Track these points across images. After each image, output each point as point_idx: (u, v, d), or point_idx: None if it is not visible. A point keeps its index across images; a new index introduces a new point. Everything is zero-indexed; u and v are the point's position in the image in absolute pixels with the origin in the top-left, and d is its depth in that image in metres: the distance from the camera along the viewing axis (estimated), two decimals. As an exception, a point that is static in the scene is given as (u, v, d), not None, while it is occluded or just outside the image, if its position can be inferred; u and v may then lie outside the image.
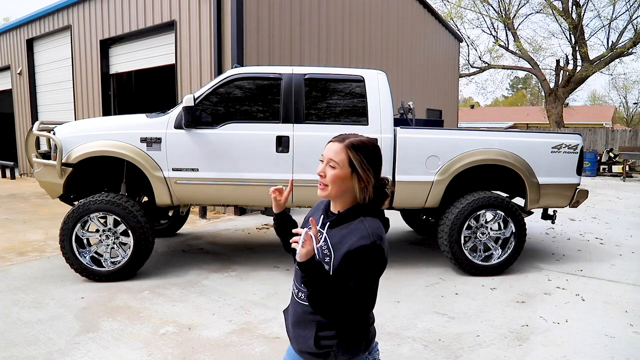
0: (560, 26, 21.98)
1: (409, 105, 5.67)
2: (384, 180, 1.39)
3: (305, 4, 8.41)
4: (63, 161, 4.10)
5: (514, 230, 4.40)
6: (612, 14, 26.21)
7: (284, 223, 1.53)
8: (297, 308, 1.40)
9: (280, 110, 4.20)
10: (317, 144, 4.19)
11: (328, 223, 1.36)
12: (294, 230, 1.26)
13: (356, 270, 1.24)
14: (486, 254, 4.47)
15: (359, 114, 4.28)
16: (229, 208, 7.39)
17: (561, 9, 20.43)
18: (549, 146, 4.45)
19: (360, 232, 1.28)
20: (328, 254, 1.31)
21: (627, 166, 14.24)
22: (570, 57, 21.51)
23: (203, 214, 7.12)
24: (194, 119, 4.04)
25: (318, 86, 4.30)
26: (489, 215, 4.47)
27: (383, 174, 1.41)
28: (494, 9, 23.25)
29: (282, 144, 4.16)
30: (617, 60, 20.87)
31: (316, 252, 1.28)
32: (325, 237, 1.34)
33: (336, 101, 4.34)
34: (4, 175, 12.72)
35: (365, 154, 1.33)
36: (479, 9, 23.31)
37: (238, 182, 4.21)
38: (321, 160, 1.38)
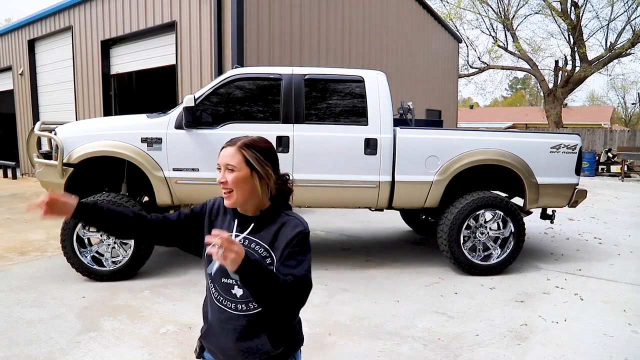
0: (559, 27, 22.03)
1: (409, 106, 5.69)
2: (285, 176, 1.40)
3: (305, 4, 8.43)
4: (64, 161, 4.12)
5: (513, 230, 4.42)
6: (611, 14, 26.25)
7: (100, 216, 1.36)
8: (239, 322, 1.32)
9: (280, 110, 4.22)
10: (317, 144, 4.21)
11: (252, 226, 1.34)
12: (207, 239, 1.08)
13: (301, 252, 1.28)
14: (485, 253, 4.49)
15: (359, 114, 4.30)
16: (229, 208, 7.40)
17: (560, 10, 20.47)
18: (547, 146, 4.47)
19: (292, 222, 1.33)
20: (267, 254, 1.32)
21: (625, 166, 14.26)
22: (569, 57, 21.55)
23: (203, 214, 7.12)
24: (195, 119, 4.06)
25: (318, 86, 4.32)
26: (488, 215, 4.49)
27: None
28: (493, 10, 23.31)
29: (282, 144, 4.18)
30: (616, 60, 20.94)
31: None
32: (253, 239, 1.33)
33: (336, 101, 4.36)
34: (5, 175, 12.73)
35: (259, 151, 1.34)
36: (478, 10, 23.36)
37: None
38: (218, 169, 1.34)
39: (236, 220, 1.37)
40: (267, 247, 1.32)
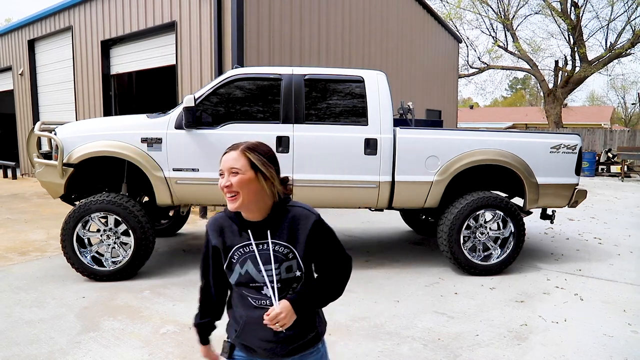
0: (559, 27, 22.04)
1: (409, 106, 5.69)
2: (286, 178, 1.45)
3: (305, 4, 8.43)
4: (64, 161, 4.12)
5: (513, 230, 4.42)
6: (611, 15, 26.27)
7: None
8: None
9: (280, 110, 4.22)
10: (317, 145, 4.21)
11: (269, 231, 1.39)
12: (267, 319, 1.32)
13: (327, 237, 1.43)
14: (485, 253, 4.49)
15: (359, 114, 4.30)
16: (229, 208, 7.40)
17: (560, 10, 20.48)
18: (547, 146, 4.47)
19: (301, 214, 1.41)
20: (288, 250, 1.39)
21: (625, 166, 14.26)
22: (569, 57, 21.56)
23: (203, 213, 7.13)
24: (195, 119, 4.06)
25: (318, 87, 4.32)
26: (488, 215, 4.49)
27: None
28: (493, 10, 23.31)
29: (282, 144, 4.18)
30: (616, 61, 20.94)
31: (278, 271, 1.38)
32: (273, 242, 1.39)
33: (336, 101, 4.36)
34: (5, 176, 12.73)
35: (261, 154, 1.38)
36: (478, 10, 23.36)
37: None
38: (221, 175, 1.37)
39: (249, 231, 1.40)
40: (286, 244, 1.39)
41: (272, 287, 1.37)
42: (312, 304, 1.39)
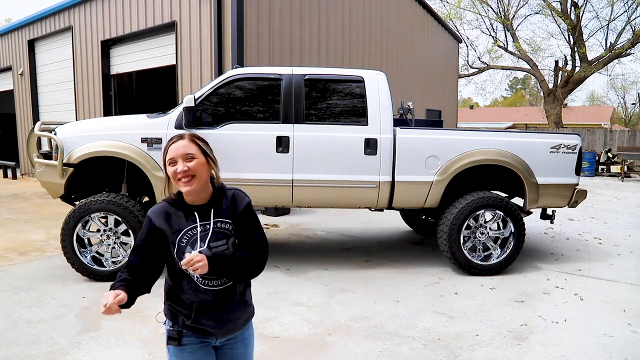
0: (559, 27, 22.04)
1: (409, 106, 5.69)
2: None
3: (305, 4, 8.43)
4: (64, 161, 4.11)
5: (513, 230, 4.42)
6: (611, 15, 26.25)
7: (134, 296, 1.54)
8: (230, 295, 1.55)
9: (280, 110, 4.22)
10: (318, 145, 4.21)
11: (212, 211, 1.53)
12: (184, 262, 1.39)
13: (254, 218, 1.60)
14: (485, 253, 4.49)
15: (359, 114, 4.30)
16: (229, 208, 7.39)
17: (560, 10, 20.47)
18: (547, 146, 4.47)
19: (239, 194, 1.59)
20: (228, 226, 1.54)
21: (625, 166, 14.26)
22: (569, 57, 21.55)
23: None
24: (195, 119, 4.05)
25: (318, 87, 4.32)
26: (488, 215, 4.49)
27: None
28: (493, 10, 23.30)
29: (282, 144, 4.18)
30: (616, 61, 20.94)
31: (226, 246, 1.52)
32: (219, 220, 1.53)
33: (336, 101, 4.36)
34: (5, 176, 12.73)
35: (205, 142, 1.56)
36: (478, 10, 23.36)
37: (238, 182, 4.22)
38: (171, 164, 1.49)
39: (196, 213, 1.52)
40: (229, 221, 1.54)
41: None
42: (226, 267, 1.46)
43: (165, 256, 1.54)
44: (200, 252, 1.45)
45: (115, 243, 4.15)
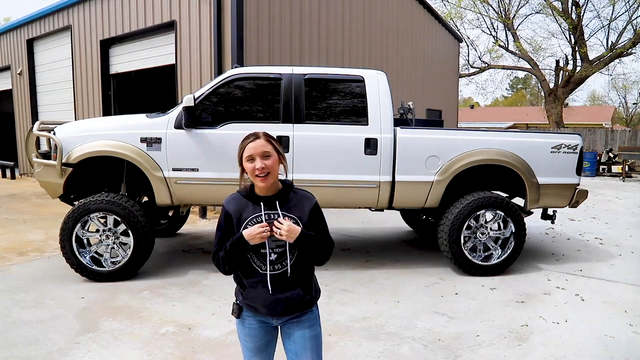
0: (560, 26, 22.02)
1: (409, 106, 5.67)
2: None
3: (305, 4, 8.41)
4: (63, 161, 4.10)
5: (513, 230, 4.40)
6: (612, 14, 26.26)
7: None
8: (276, 279, 1.68)
9: (280, 110, 4.21)
10: (317, 144, 4.20)
11: (277, 202, 1.68)
12: (258, 226, 1.61)
13: (322, 218, 1.76)
14: (486, 254, 4.47)
15: (359, 114, 4.28)
16: (229, 208, 7.38)
17: (561, 10, 20.45)
18: (548, 146, 4.45)
19: (305, 196, 1.74)
20: (294, 221, 1.67)
21: (626, 166, 14.24)
22: (569, 57, 21.55)
23: (203, 213, 7.12)
24: (194, 119, 4.04)
25: (318, 86, 4.31)
26: (489, 215, 4.47)
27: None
28: (494, 9, 23.28)
29: (282, 144, 4.16)
30: (617, 60, 20.92)
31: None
32: (282, 212, 1.67)
33: (336, 101, 4.35)
34: (4, 175, 12.72)
35: (276, 141, 1.71)
36: (479, 9, 23.34)
37: (238, 182, 4.20)
38: (249, 160, 1.64)
39: (262, 203, 1.68)
40: (292, 216, 1.68)
41: (271, 250, 1.67)
42: (310, 246, 1.65)
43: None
44: (277, 265, 1.67)
45: (114, 243, 4.13)
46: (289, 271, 1.67)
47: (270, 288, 1.67)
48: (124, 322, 3.25)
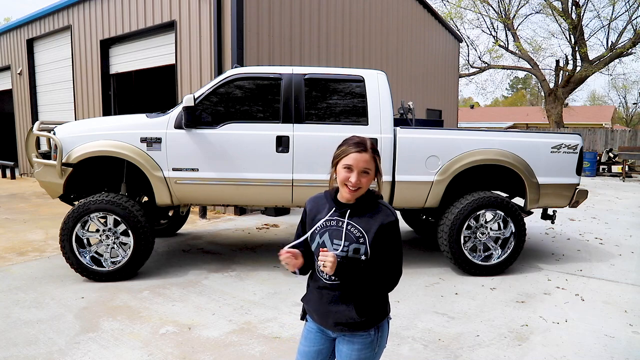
0: (560, 26, 22.01)
1: (409, 105, 5.67)
2: None
3: (305, 4, 8.41)
4: (63, 161, 4.10)
5: (513, 230, 4.40)
6: (612, 14, 26.19)
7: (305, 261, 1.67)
8: (332, 291, 1.61)
9: (280, 110, 4.21)
10: (317, 144, 4.19)
11: (348, 212, 1.58)
12: (321, 255, 1.51)
13: (393, 239, 1.58)
14: (486, 254, 4.47)
15: (359, 114, 4.28)
16: (229, 208, 7.40)
17: (561, 9, 20.44)
18: (548, 146, 4.45)
19: (383, 212, 1.58)
20: (360, 235, 1.56)
21: (626, 166, 14.24)
22: (569, 57, 21.53)
23: (203, 213, 7.12)
24: (194, 119, 4.04)
25: (318, 86, 4.31)
26: (489, 215, 4.47)
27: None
28: (494, 9, 23.27)
29: (282, 144, 4.16)
30: (617, 60, 20.90)
31: (340, 248, 1.56)
32: (351, 223, 1.57)
33: (336, 101, 4.35)
34: (4, 175, 12.72)
35: (380, 157, 1.60)
36: (479, 9, 23.33)
37: (238, 182, 4.21)
38: (346, 168, 1.54)
39: (334, 208, 1.61)
40: (360, 229, 1.56)
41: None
42: (351, 275, 1.53)
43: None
44: (335, 254, 1.53)
45: (114, 243, 4.13)
46: (342, 286, 1.60)
47: (323, 297, 1.63)
48: (124, 322, 3.25)
